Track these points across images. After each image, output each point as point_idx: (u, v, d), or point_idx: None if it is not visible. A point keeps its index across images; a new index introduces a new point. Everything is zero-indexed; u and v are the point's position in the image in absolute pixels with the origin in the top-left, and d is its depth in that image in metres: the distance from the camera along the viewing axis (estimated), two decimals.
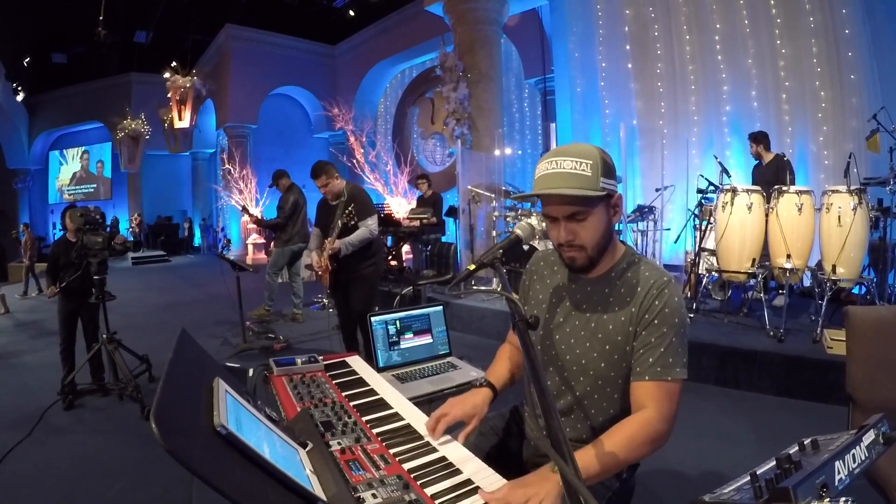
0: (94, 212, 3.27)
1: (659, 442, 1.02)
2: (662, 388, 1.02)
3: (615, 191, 1.07)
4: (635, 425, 1.01)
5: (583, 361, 1.12)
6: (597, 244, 1.08)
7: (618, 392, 1.11)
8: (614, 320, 1.09)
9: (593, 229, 1.06)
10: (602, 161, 1.03)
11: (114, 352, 3.14)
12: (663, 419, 1.01)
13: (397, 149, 11.30)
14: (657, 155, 5.93)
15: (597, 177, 1.01)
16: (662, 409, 1.02)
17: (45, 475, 2.39)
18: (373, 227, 3.20)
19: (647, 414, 1.02)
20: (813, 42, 5.04)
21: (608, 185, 1.04)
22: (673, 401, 1.03)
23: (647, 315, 1.05)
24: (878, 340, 1.51)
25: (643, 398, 1.04)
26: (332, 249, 3.10)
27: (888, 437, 0.76)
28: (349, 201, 3.16)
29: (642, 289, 1.08)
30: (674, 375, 1.03)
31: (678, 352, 1.04)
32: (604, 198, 1.04)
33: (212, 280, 7.83)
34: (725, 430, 2.63)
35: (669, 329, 1.04)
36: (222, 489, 0.59)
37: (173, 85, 13.47)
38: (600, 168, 1.02)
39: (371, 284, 3.34)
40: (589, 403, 1.13)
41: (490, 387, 1.23)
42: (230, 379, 0.97)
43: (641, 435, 1.00)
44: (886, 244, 3.76)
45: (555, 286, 1.22)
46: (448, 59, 7.39)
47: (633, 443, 0.99)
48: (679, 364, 1.04)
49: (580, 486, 0.67)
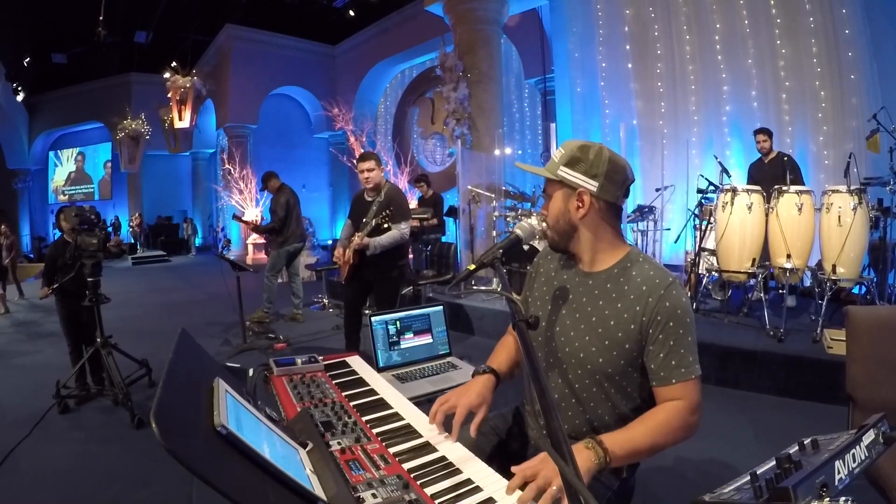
0: (90, 212, 3.21)
1: (691, 430, 1.06)
2: (688, 385, 1.06)
3: (579, 184, 1.10)
4: (670, 411, 1.05)
5: (581, 355, 1.13)
6: (553, 226, 1.17)
7: (615, 387, 1.11)
8: (616, 316, 1.10)
9: (551, 211, 1.16)
10: (573, 153, 1.11)
11: (107, 356, 3.08)
12: (693, 410, 1.06)
13: (397, 149, 11.30)
14: (657, 155, 5.93)
15: (559, 164, 1.12)
16: (692, 401, 1.06)
17: (45, 475, 2.38)
18: (405, 232, 3.21)
19: (679, 404, 1.06)
20: (813, 42, 5.04)
21: (567, 174, 1.11)
22: (699, 395, 1.08)
23: (659, 317, 1.06)
24: (878, 340, 1.51)
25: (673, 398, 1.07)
26: (359, 245, 3.11)
27: (888, 436, 0.76)
28: (387, 203, 3.17)
29: (648, 288, 1.08)
30: (696, 373, 1.07)
31: (694, 350, 1.08)
32: (559, 183, 1.13)
33: (212, 280, 7.83)
34: (725, 430, 2.63)
35: (685, 329, 1.07)
36: (222, 489, 0.59)
37: (173, 85, 13.47)
38: (566, 158, 1.12)
39: (396, 287, 3.38)
40: (587, 397, 1.13)
41: (493, 373, 1.23)
42: (230, 379, 0.97)
43: (676, 420, 1.04)
44: (886, 244, 3.76)
45: (558, 279, 1.23)
46: (448, 59, 7.39)
47: (667, 427, 1.03)
48: (697, 360, 1.08)
49: (580, 486, 0.67)
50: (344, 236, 3.40)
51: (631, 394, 1.12)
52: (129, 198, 16.20)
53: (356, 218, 3.33)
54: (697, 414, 1.07)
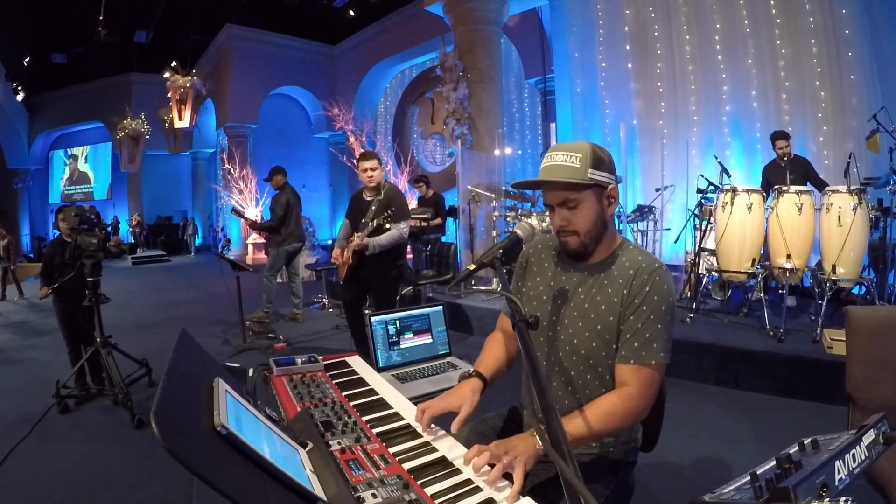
0: (90, 211, 3.20)
1: (634, 418, 1.10)
2: (644, 370, 1.07)
3: (608, 182, 1.12)
4: (615, 400, 1.07)
5: (575, 341, 1.14)
6: (588, 230, 1.13)
7: (609, 373, 1.13)
8: (607, 301, 1.12)
9: (584, 216, 1.12)
10: (592, 154, 1.10)
11: (107, 356, 3.07)
12: (642, 398, 1.07)
13: (397, 149, 11.30)
14: (657, 155, 5.93)
15: (585, 168, 1.08)
16: (643, 388, 1.07)
17: (45, 475, 2.38)
18: (404, 231, 3.22)
19: (628, 390, 1.07)
20: (813, 42, 5.04)
21: (598, 175, 1.10)
22: (654, 383, 1.08)
23: (637, 299, 1.09)
24: (878, 340, 1.51)
25: (626, 379, 1.08)
26: (359, 245, 3.10)
27: (888, 436, 0.76)
28: (388, 203, 3.17)
29: (634, 272, 1.11)
30: (657, 359, 1.07)
31: (662, 337, 1.08)
32: (591, 187, 1.10)
33: (212, 280, 7.83)
34: (725, 430, 2.63)
35: (656, 315, 1.08)
36: (222, 489, 0.59)
37: (173, 85, 13.47)
38: (589, 160, 1.09)
39: (395, 287, 3.40)
40: (583, 384, 1.15)
41: (479, 377, 1.22)
42: (230, 379, 0.97)
43: (619, 409, 1.06)
44: (886, 244, 3.76)
45: (552, 270, 1.24)
46: (448, 59, 7.39)
47: (610, 416, 1.05)
48: (662, 349, 1.07)
49: (580, 486, 0.67)
50: (342, 236, 3.38)
51: None
52: (128, 197, 16.20)
53: (355, 218, 3.31)
54: (645, 402, 1.08)
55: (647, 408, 1.08)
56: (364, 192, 3.32)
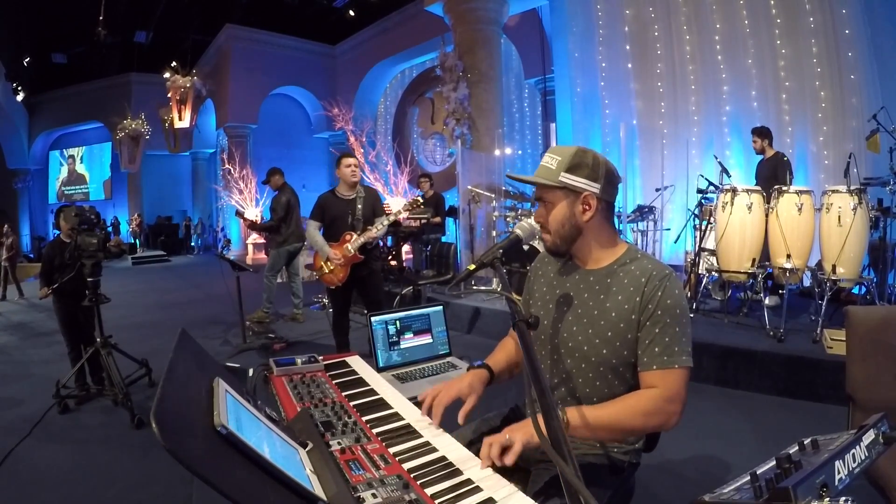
0: (90, 212, 3.20)
1: (666, 418, 1.05)
2: (669, 374, 1.06)
3: (584, 188, 1.12)
4: (642, 395, 1.07)
5: (584, 347, 1.14)
6: (557, 230, 1.16)
7: (618, 378, 1.13)
8: (617, 308, 1.12)
9: (554, 217, 1.16)
10: (573, 158, 1.12)
11: (107, 356, 3.06)
12: (670, 399, 1.05)
13: (397, 149, 11.31)
14: (657, 155, 5.93)
15: (559, 170, 1.12)
16: (670, 390, 1.05)
17: (45, 475, 2.38)
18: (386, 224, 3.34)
19: (653, 391, 1.06)
20: (813, 42, 5.05)
21: (570, 179, 1.12)
22: (680, 386, 1.07)
23: (651, 305, 1.08)
24: (878, 340, 1.50)
25: (653, 384, 1.07)
26: (371, 238, 3.19)
27: (888, 436, 0.76)
28: (373, 198, 3.36)
29: (646, 279, 1.11)
30: (680, 363, 1.06)
31: (682, 340, 1.07)
32: (561, 189, 1.13)
33: (212, 280, 7.83)
34: (725, 430, 2.63)
35: (672, 319, 1.07)
36: (222, 489, 0.59)
37: (173, 85, 13.48)
38: (566, 164, 1.12)
39: (380, 277, 3.57)
40: (591, 391, 1.15)
41: (487, 369, 1.24)
42: (230, 379, 0.97)
43: (646, 404, 1.05)
44: (886, 244, 3.77)
45: (559, 281, 1.25)
46: (448, 59, 7.40)
47: (635, 409, 1.05)
48: (684, 353, 1.07)
49: (580, 486, 0.67)
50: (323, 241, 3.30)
51: (629, 381, 1.13)
52: (129, 198, 16.21)
53: (337, 217, 3.28)
54: (676, 405, 1.06)
55: (676, 411, 1.06)
56: (337, 191, 3.34)
